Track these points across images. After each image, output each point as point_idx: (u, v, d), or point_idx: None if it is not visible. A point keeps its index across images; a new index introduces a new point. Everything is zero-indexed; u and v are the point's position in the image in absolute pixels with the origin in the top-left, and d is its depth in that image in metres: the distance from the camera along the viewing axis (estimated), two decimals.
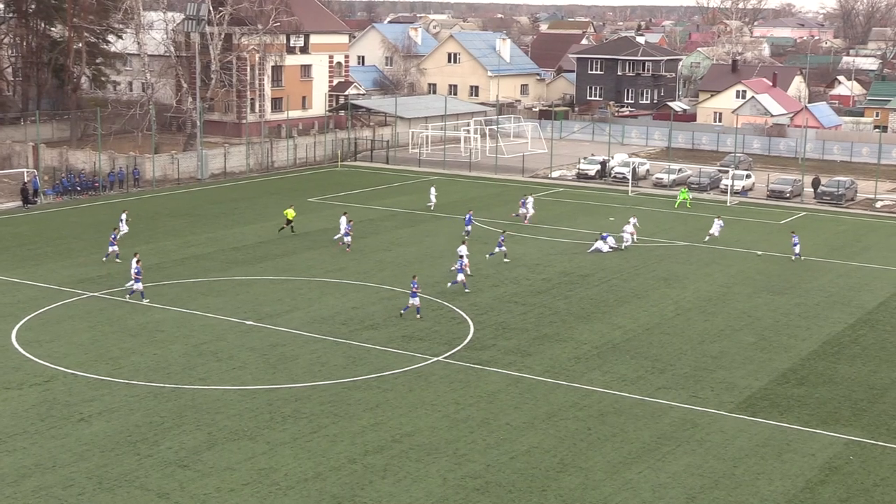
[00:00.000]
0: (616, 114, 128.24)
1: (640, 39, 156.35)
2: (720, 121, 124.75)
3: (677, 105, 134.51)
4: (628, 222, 61.90)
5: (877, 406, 36.21)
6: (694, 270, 55.57)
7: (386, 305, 47.30)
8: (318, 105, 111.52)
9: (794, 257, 58.54)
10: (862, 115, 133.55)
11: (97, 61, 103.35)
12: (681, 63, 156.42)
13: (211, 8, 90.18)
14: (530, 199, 69.17)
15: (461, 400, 35.84)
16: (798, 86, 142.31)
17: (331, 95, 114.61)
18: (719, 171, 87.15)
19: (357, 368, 38.82)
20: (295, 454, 31.02)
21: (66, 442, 31.57)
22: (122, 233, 58.58)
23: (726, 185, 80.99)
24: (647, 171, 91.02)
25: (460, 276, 49.68)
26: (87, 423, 33.08)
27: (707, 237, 63.06)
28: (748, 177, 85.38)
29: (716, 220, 64.06)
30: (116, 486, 28.65)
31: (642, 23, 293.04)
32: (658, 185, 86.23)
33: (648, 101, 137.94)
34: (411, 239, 62.41)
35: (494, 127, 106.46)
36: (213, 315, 45.30)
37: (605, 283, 52.59)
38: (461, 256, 51.38)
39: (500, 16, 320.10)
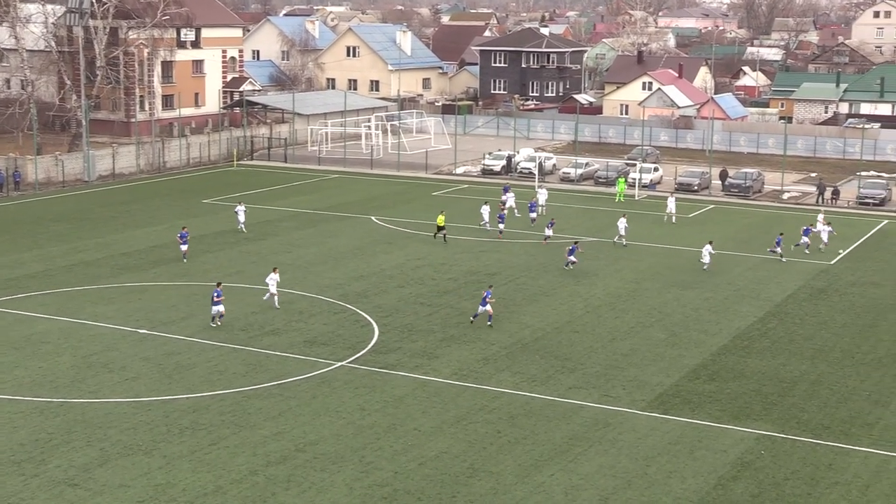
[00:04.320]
0: (521, 107, 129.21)
1: (545, 31, 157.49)
2: (627, 113, 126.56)
3: (583, 98, 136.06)
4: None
5: (786, 399, 37.10)
6: (603, 267, 56.26)
7: (286, 309, 46.96)
8: (212, 102, 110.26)
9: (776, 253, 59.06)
10: (767, 105, 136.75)
11: None
12: (586, 55, 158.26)
13: (94, 0, 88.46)
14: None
15: (367, 406, 35.75)
16: (704, 77, 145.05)
17: (225, 92, 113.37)
18: (627, 164, 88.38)
19: (257, 376, 38.46)
20: (193, 468, 30.61)
21: None
22: (240, 224, 63.05)
23: (634, 179, 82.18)
24: (554, 165, 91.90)
25: (483, 308, 45.00)
26: None
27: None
28: (656, 170, 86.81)
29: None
30: None
31: (546, 14, 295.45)
32: (565, 179, 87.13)
33: (554, 94, 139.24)
34: (312, 240, 62.08)
35: (396, 122, 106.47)
36: (104, 324, 44.47)
37: (512, 281, 52.96)
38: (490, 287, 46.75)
39: (399, 7, 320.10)
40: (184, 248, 55.84)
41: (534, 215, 66.59)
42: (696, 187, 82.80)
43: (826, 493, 29.85)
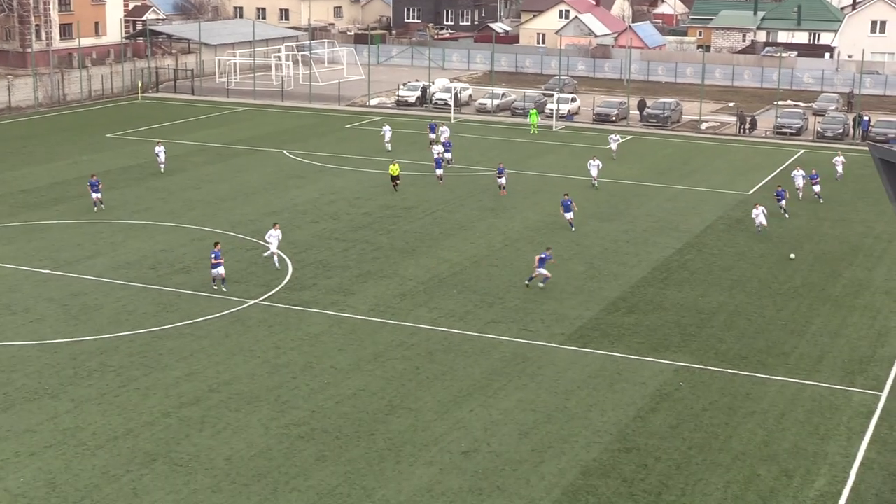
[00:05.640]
0: (436, 37, 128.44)
1: None
2: (543, 42, 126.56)
3: (499, 27, 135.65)
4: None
5: (705, 331, 37.84)
6: (521, 199, 56.50)
7: (197, 247, 46.48)
8: (114, 32, 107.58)
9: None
10: (685, 34, 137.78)
11: None
12: None
13: None
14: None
15: (282, 344, 35.69)
16: (621, 4, 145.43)
17: (127, 21, 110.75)
18: (544, 94, 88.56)
19: (168, 315, 38.11)
20: (103, 411, 30.33)
21: None
22: (162, 163, 61.00)
23: (551, 110, 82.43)
24: (470, 96, 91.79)
25: (540, 270, 42.00)
26: None
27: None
28: (573, 100, 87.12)
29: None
30: None
31: None
32: (481, 110, 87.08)
33: (469, 23, 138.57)
34: (222, 175, 61.38)
35: (307, 53, 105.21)
36: (4, 265, 43.58)
37: (429, 215, 53.00)
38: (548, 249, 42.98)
39: None
40: (96, 195, 52.01)
41: (449, 155, 64.45)
42: (613, 118, 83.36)
43: (743, 422, 30.62)
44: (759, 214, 50.50)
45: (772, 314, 39.68)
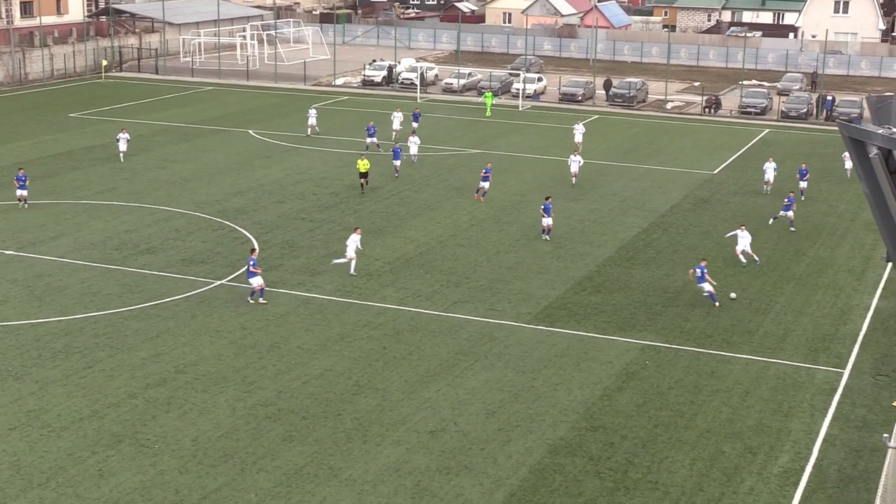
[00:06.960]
0: (401, 16, 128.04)
1: None
2: (510, 22, 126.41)
3: (465, 6, 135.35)
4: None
5: (670, 309, 38.05)
6: None
7: (162, 227, 46.23)
8: (76, 10, 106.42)
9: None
10: (651, 13, 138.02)
11: None
12: None
13: None
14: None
15: (248, 324, 35.58)
16: None
17: None
18: (510, 74, 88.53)
19: (133, 296, 37.90)
20: (68, 392, 30.16)
21: None
22: (122, 151, 58.50)
23: (517, 90, 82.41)
24: (436, 76, 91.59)
25: (706, 287, 38.60)
26: None
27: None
28: (539, 80, 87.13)
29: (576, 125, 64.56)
30: None
31: None
32: (447, 90, 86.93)
33: (435, 2, 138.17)
34: (187, 155, 61.01)
35: (272, 32, 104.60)
36: None
37: (395, 195, 52.93)
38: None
39: None
40: (22, 192, 48.64)
41: (375, 140, 61.49)
42: (580, 97, 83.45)
43: (708, 400, 30.85)
44: (745, 247, 43.12)
45: (736, 292, 39.92)
